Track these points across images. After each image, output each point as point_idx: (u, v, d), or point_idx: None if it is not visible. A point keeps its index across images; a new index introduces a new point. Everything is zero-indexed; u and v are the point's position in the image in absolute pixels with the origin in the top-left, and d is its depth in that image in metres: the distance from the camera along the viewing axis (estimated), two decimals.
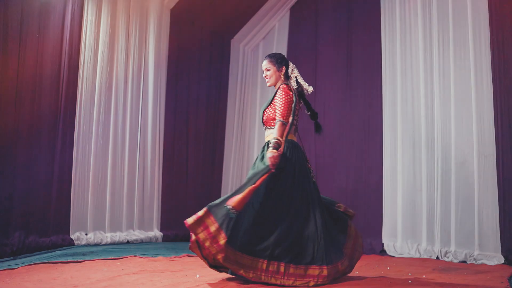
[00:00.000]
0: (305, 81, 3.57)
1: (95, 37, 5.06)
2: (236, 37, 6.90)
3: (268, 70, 3.51)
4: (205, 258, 3.13)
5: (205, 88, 6.43)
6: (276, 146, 3.24)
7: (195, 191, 6.19)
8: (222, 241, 2.99)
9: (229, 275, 3.28)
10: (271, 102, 3.44)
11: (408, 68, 5.42)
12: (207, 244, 3.00)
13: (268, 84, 3.54)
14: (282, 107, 3.35)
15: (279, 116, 3.33)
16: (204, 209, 3.08)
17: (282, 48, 6.60)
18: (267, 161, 3.21)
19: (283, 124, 3.33)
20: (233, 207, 3.02)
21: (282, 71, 3.52)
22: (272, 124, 3.41)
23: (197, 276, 3.44)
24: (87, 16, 4.98)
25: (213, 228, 3.02)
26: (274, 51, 6.71)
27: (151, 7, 5.71)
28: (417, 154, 5.21)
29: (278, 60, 3.53)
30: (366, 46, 5.86)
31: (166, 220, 5.76)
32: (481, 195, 4.68)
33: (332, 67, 6.14)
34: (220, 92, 6.70)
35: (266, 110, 3.46)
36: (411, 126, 5.31)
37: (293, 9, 6.73)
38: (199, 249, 3.07)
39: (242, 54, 7.07)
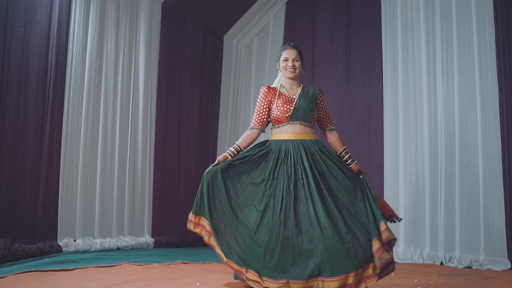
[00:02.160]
0: (302, 78, 3.56)
1: (84, 32, 4.89)
2: (230, 32, 6.74)
3: (297, 61, 3.31)
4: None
5: (197, 85, 6.27)
6: None
7: (188, 195, 5.95)
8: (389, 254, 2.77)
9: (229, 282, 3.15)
10: (316, 102, 3.28)
11: (410, 65, 5.31)
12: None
13: (291, 76, 3.29)
14: (329, 114, 3.40)
15: (332, 125, 3.39)
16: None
17: (277, 44, 6.46)
18: (358, 170, 3.20)
19: None
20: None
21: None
22: (312, 123, 3.28)
23: (198, 284, 3.34)
24: (75, 9, 4.80)
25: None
26: (269, 47, 6.65)
27: (142, 1, 5.54)
28: (420, 156, 5.11)
29: (303, 56, 3.42)
30: (366, 42, 5.76)
31: (158, 226, 5.58)
32: (486, 198, 4.59)
33: (330, 64, 6.04)
34: (212, 90, 6.54)
35: (316, 110, 3.29)
36: (413, 127, 5.20)
37: (289, 4, 6.61)
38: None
39: (235, 50, 6.91)
